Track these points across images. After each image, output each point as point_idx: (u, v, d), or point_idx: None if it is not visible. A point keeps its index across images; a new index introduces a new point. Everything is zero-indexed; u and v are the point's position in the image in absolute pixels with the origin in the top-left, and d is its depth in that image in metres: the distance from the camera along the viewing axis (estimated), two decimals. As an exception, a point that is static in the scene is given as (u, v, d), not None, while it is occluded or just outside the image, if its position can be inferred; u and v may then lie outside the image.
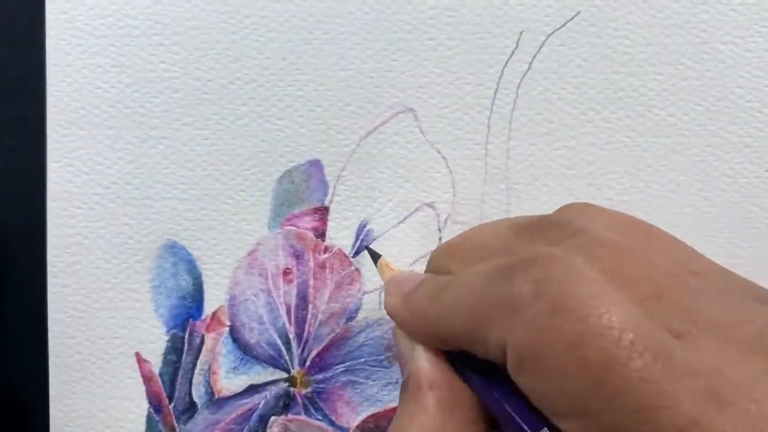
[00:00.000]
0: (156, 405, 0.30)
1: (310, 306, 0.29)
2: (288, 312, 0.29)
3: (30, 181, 0.30)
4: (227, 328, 0.30)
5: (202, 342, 0.30)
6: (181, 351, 0.30)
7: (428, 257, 0.29)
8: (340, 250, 0.29)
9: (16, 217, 0.30)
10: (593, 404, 0.16)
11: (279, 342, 0.29)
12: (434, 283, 0.21)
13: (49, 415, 0.30)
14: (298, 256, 0.29)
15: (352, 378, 0.30)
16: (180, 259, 0.29)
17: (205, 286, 0.30)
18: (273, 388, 0.30)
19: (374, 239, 0.30)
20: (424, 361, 0.20)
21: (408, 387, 0.21)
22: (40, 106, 0.29)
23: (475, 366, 0.19)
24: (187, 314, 0.30)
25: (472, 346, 0.19)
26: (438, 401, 0.20)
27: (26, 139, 0.30)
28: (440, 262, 0.22)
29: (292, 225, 0.29)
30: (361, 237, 0.30)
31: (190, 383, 0.30)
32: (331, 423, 0.30)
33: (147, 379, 0.30)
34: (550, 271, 0.17)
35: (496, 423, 0.20)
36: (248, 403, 0.30)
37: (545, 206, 0.29)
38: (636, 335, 0.16)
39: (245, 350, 0.30)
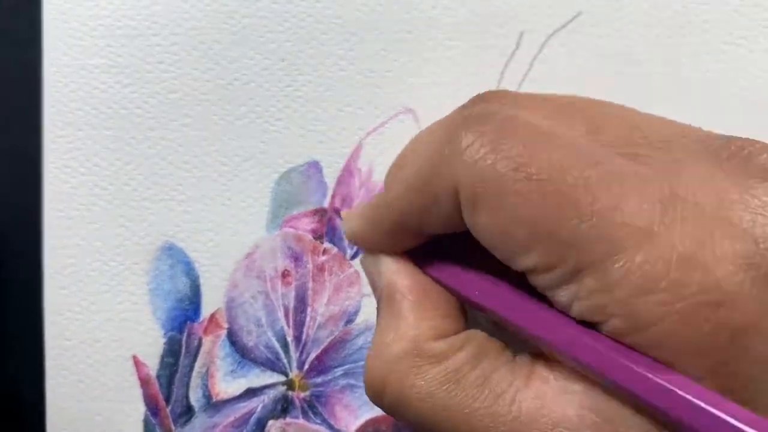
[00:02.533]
0: (153, 408, 0.29)
1: (309, 309, 0.29)
2: (286, 315, 0.29)
3: (27, 183, 0.29)
4: (225, 331, 0.29)
5: (199, 345, 0.29)
6: (178, 354, 0.29)
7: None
8: (339, 252, 0.29)
9: (13, 218, 0.30)
10: (548, 221, 0.16)
11: (277, 345, 0.29)
12: (383, 190, 0.21)
13: (45, 418, 0.29)
14: (296, 259, 0.29)
15: (351, 381, 0.29)
16: (177, 261, 0.29)
17: (203, 289, 0.29)
18: (271, 391, 0.29)
19: (373, 241, 0.29)
20: (390, 272, 0.20)
21: (381, 301, 0.20)
22: (37, 107, 0.29)
23: (440, 258, 0.20)
24: (184, 317, 0.29)
25: (428, 216, 0.18)
26: (411, 303, 0.20)
27: (23, 140, 0.29)
28: (386, 179, 0.22)
29: (290, 227, 0.29)
30: (361, 239, 0.29)
31: (188, 386, 0.29)
32: (330, 427, 0.29)
33: (144, 382, 0.29)
34: (487, 118, 0.17)
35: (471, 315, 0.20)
36: (246, 406, 0.29)
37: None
38: (580, 148, 0.16)
39: (243, 353, 0.29)
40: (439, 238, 0.20)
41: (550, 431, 0.16)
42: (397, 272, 0.20)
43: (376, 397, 0.19)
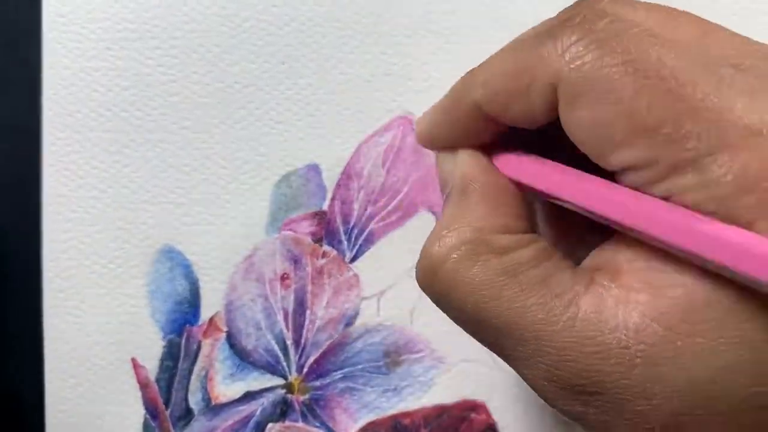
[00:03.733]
0: (152, 411, 0.29)
1: (308, 312, 0.29)
2: (285, 318, 0.29)
3: (25, 185, 0.29)
4: (224, 334, 0.29)
5: (198, 348, 0.29)
6: (177, 357, 0.29)
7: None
8: (338, 255, 0.29)
9: (12, 221, 0.30)
10: (652, 115, 0.15)
11: (276, 348, 0.29)
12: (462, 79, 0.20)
13: (45, 421, 0.29)
14: (295, 262, 0.29)
15: (350, 384, 0.29)
16: (177, 264, 0.29)
17: (202, 292, 0.29)
18: (270, 394, 0.29)
19: (373, 244, 0.29)
20: (466, 165, 0.20)
21: (451, 192, 0.20)
22: (36, 110, 0.29)
23: (519, 160, 0.20)
24: (183, 320, 0.29)
25: (512, 107, 0.18)
26: (481, 196, 0.19)
27: (22, 143, 0.29)
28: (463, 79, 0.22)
29: (289, 230, 0.29)
30: (360, 242, 0.29)
31: (187, 389, 0.29)
32: (329, 430, 0.29)
33: (143, 385, 0.29)
34: (596, 15, 0.17)
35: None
36: (245, 409, 0.29)
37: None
38: (691, 49, 0.16)
39: (242, 356, 0.29)
40: (514, 136, 0.19)
41: (607, 334, 0.16)
42: (473, 165, 0.20)
43: (427, 280, 0.19)
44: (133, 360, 0.29)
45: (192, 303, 0.29)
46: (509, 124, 0.19)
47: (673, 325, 0.16)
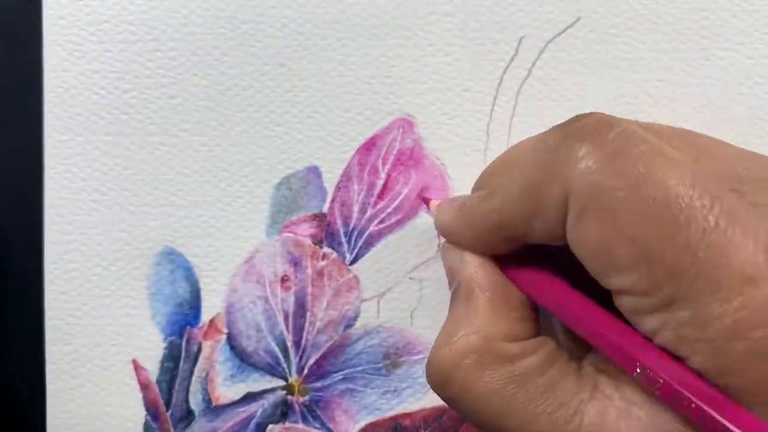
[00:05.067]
0: (153, 413, 0.29)
1: (308, 313, 0.29)
2: (286, 319, 0.29)
3: (27, 188, 0.29)
4: (224, 336, 0.29)
5: (199, 349, 0.29)
6: (178, 358, 0.29)
7: (428, 261, 0.29)
8: (338, 257, 0.29)
9: (14, 223, 0.30)
10: (654, 245, 0.16)
11: (277, 350, 0.29)
12: (486, 189, 0.21)
13: (46, 422, 0.30)
14: (295, 264, 0.29)
15: (351, 386, 0.29)
16: (177, 266, 0.29)
17: (203, 294, 0.29)
18: (270, 396, 0.29)
19: (373, 246, 0.29)
20: (474, 267, 0.21)
21: (458, 293, 0.21)
22: (37, 112, 0.29)
23: (524, 267, 0.20)
24: (184, 321, 0.29)
25: (530, 224, 0.19)
26: (488, 301, 0.20)
27: (23, 145, 0.29)
28: (484, 183, 0.22)
29: (290, 232, 0.29)
30: (360, 244, 0.29)
31: (188, 391, 0.29)
32: (329, 431, 0.29)
33: (144, 386, 0.29)
34: (605, 126, 0.17)
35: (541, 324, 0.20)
36: (245, 411, 0.29)
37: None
38: (694, 177, 0.16)
39: (243, 358, 0.29)
40: (527, 246, 0.20)
41: None
42: (479, 268, 0.21)
43: (439, 385, 0.19)
44: (134, 361, 0.29)
45: (192, 305, 0.29)
46: (530, 243, 0.20)
47: None
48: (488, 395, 0.18)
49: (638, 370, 0.16)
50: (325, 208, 0.29)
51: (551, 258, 0.20)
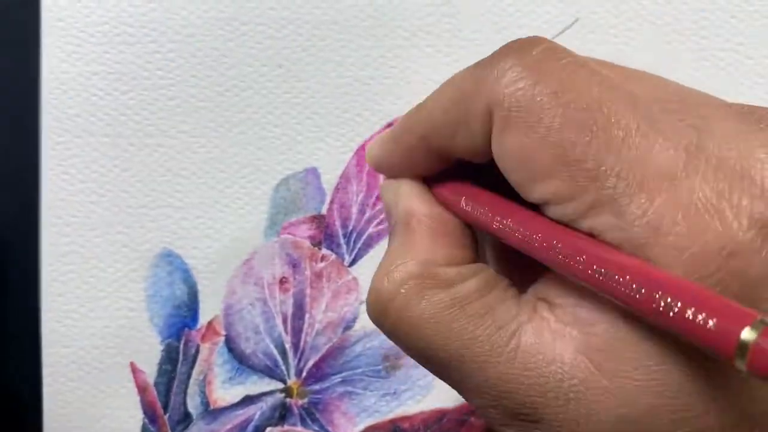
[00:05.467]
0: (151, 415, 0.29)
1: (307, 315, 0.29)
2: (284, 321, 0.29)
3: (25, 189, 0.29)
4: (223, 338, 0.29)
5: (197, 352, 0.29)
6: (176, 361, 0.29)
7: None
8: (337, 259, 0.29)
9: (11, 225, 0.30)
10: (577, 149, 0.16)
11: (275, 352, 0.29)
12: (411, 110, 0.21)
13: (43, 424, 0.29)
14: (294, 265, 0.29)
15: (349, 388, 0.29)
16: (175, 268, 0.29)
17: (201, 296, 0.29)
18: (269, 398, 0.29)
19: (371, 247, 0.29)
20: (409, 198, 0.21)
21: (396, 226, 0.21)
22: (35, 114, 0.29)
23: (457, 189, 0.20)
24: (182, 324, 0.29)
25: (455, 138, 0.19)
26: (426, 229, 0.20)
27: (21, 147, 0.29)
28: (411, 111, 0.22)
29: (288, 233, 0.29)
30: (359, 245, 0.29)
31: (185, 393, 0.29)
32: (328, 434, 0.29)
33: (142, 389, 0.29)
34: (529, 45, 0.17)
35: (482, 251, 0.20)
36: (244, 413, 0.29)
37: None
38: (618, 87, 0.16)
39: (241, 360, 0.29)
40: (457, 169, 0.20)
41: (544, 368, 0.16)
42: (415, 198, 0.20)
43: (378, 316, 0.19)
44: (132, 364, 0.29)
45: (190, 307, 0.29)
46: (456, 157, 0.20)
47: (600, 363, 0.16)
48: (427, 320, 0.18)
49: (581, 262, 0.16)
50: (324, 210, 0.29)
51: (482, 182, 0.20)
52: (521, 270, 0.20)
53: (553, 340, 0.17)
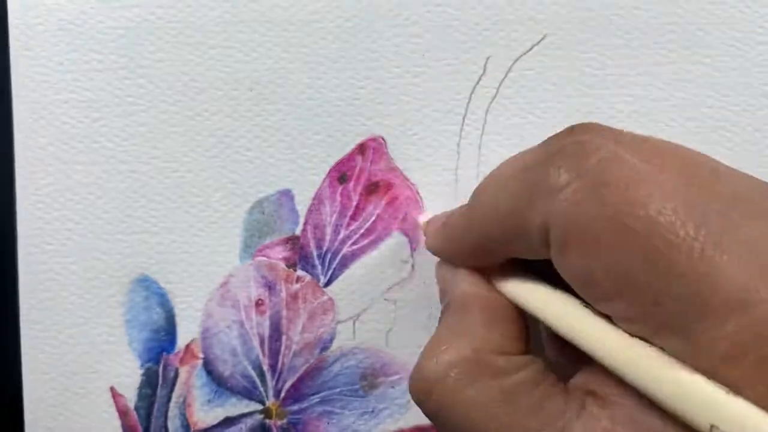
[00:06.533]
0: (132, 439, 0.30)
1: (284, 337, 0.29)
2: (261, 343, 0.29)
3: (0, 218, 0.29)
4: (201, 361, 0.29)
5: (176, 375, 0.30)
6: (155, 384, 0.29)
7: (402, 282, 0.29)
8: (312, 279, 0.29)
9: (-12, 254, 0.30)
10: (638, 275, 0.15)
11: (253, 373, 0.29)
12: (467, 203, 0.21)
13: (27, 449, 0.30)
14: (270, 287, 0.29)
15: (328, 408, 0.29)
16: (152, 293, 0.29)
17: (178, 319, 0.29)
18: (248, 420, 0.30)
19: (347, 267, 0.29)
20: (466, 283, 0.20)
21: (449, 307, 0.20)
22: (8, 143, 0.29)
23: (516, 278, 0.20)
24: (160, 348, 0.29)
25: (513, 244, 0.18)
26: (480, 314, 0.19)
27: (-5, 177, 0.29)
28: (472, 198, 0.22)
29: (263, 256, 0.29)
30: (334, 266, 0.29)
31: (166, 416, 0.30)
32: (307, 454, 0.29)
33: (123, 413, 0.30)
34: (586, 151, 0.17)
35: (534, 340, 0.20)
36: (223, 436, 0.30)
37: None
38: (678, 204, 0.15)
39: (219, 382, 0.29)
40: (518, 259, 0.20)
41: None
42: (473, 284, 0.20)
43: (422, 396, 0.19)
44: (112, 389, 0.30)
45: (168, 331, 0.29)
46: (516, 257, 0.19)
47: None
48: (473, 409, 0.18)
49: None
50: (298, 231, 0.29)
51: (543, 265, 0.20)
52: (576, 357, 0.19)
53: None
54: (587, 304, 0.18)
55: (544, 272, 0.19)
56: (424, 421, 0.29)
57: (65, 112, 0.29)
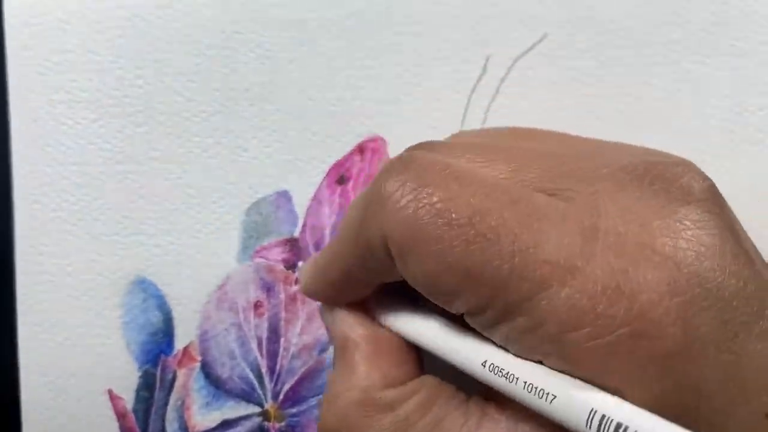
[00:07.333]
0: (130, 442, 0.29)
1: (282, 339, 0.29)
2: (260, 345, 0.29)
3: (-3, 220, 0.29)
4: (199, 363, 0.29)
5: (174, 378, 0.29)
6: (153, 387, 0.29)
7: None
8: (310, 281, 0.29)
9: (-15, 255, 0.30)
10: (472, 266, 0.16)
11: (251, 376, 0.29)
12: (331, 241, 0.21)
13: (25, 452, 0.30)
14: (268, 289, 0.29)
15: (327, 410, 0.29)
16: (150, 295, 0.29)
17: (176, 322, 0.29)
18: (247, 422, 0.29)
19: (346, 269, 0.29)
20: (343, 323, 0.21)
21: (336, 351, 0.21)
22: (5, 144, 0.29)
23: (392, 305, 0.20)
24: (158, 350, 0.29)
25: (370, 268, 0.19)
26: (361, 354, 0.20)
27: (-8, 178, 0.29)
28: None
29: (261, 257, 0.29)
30: (332, 267, 0.29)
31: (164, 419, 0.29)
32: (306, 457, 0.29)
33: (120, 416, 0.29)
34: (408, 162, 0.17)
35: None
36: (221, 439, 0.29)
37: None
38: (498, 189, 0.16)
39: (217, 385, 0.29)
40: (391, 285, 0.20)
41: None
42: (349, 323, 0.21)
43: None
44: (110, 391, 0.29)
45: (166, 333, 0.29)
46: (379, 283, 0.20)
47: None
48: None
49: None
50: (297, 233, 0.29)
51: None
52: None
53: None
54: (452, 317, 0.18)
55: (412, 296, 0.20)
56: (424, 423, 0.29)
57: (62, 112, 0.29)
